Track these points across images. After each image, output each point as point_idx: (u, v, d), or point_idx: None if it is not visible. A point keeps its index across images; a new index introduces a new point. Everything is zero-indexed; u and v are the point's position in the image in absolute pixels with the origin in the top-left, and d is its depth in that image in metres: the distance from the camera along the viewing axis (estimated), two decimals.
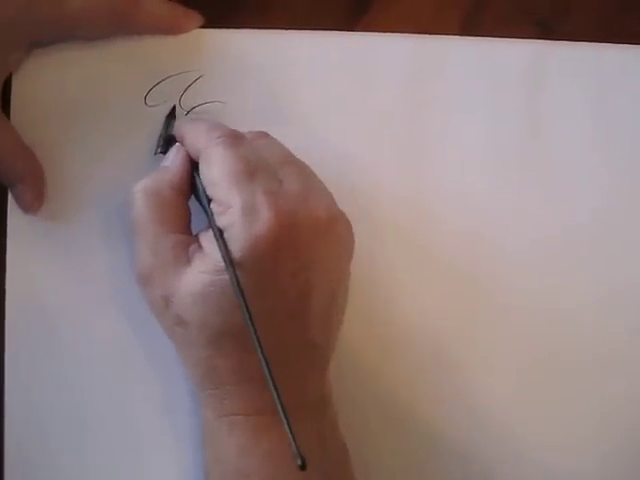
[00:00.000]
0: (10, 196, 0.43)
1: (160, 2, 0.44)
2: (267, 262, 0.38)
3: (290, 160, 0.41)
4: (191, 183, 0.41)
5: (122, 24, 0.44)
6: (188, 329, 0.39)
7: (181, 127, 0.43)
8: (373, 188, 0.45)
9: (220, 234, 0.38)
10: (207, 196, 0.40)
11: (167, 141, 0.43)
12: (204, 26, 0.45)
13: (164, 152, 0.43)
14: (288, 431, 0.35)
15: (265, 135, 0.42)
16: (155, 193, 0.41)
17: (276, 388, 0.35)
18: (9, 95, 0.44)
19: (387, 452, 0.44)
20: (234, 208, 0.38)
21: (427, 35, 0.46)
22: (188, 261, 0.39)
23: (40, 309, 0.44)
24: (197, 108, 0.45)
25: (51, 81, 0.44)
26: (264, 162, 0.40)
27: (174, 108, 0.44)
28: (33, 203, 0.43)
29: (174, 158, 0.42)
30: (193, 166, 0.41)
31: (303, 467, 0.34)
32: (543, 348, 0.45)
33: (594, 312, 0.46)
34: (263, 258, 0.38)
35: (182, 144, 0.42)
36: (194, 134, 0.41)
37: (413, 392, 0.44)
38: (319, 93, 0.46)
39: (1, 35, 0.41)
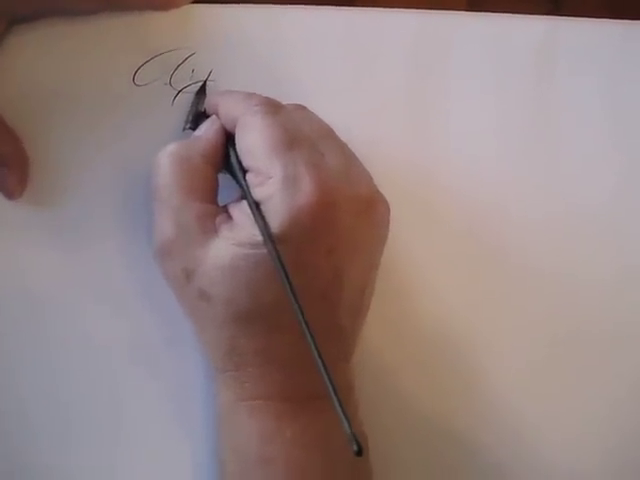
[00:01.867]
0: None
1: None
2: (306, 237, 0.36)
3: (331, 134, 0.39)
4: (224, 157, 0.39)
5: None
6: (212, 304, 0.37)
7: (215, 96, 0.41)
8: (375, 170, 0.43)
9: (257, 207, 0.36)
10: (243, 167, 0.38)
11: (197, 118, 0.42)
12: (196, 1, 0.43)
13: (193, 128, 0.41)
14: (342, 416, 0.33)
15: (303, 107, 0.40)
16: (184, 159, 0.39)
17: (328, 372, 0.33)
18: None
19: (403, 447, 0.43)
20: (274, 178, 0.36)
21: (432, 10, 0.45)
22: (215, 232, 0.37)
23: (25, 297, 0.42)
24: (189, 87, 0.43)
25: (34, 60, 0.42)
26: (304, 133, 0.38)
27: (204, 84, 0.43)
28: (16, 188, 0.41)
29: (208, 128, 0.40)
30: (227, 139, 0.39)
31: (360, 453, 0.32)
32: (558, 330, 0.44)
33: (608, 292, 0.44)
34: (303, 232, 0.36)
35: (216, 114, 0.40)
36: (230, 102, 0.40)
37: (427, 385, 0.43)
38: (318, 71, 0.44)
39: None
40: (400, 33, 0.44)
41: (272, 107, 0.39)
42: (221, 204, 0.39)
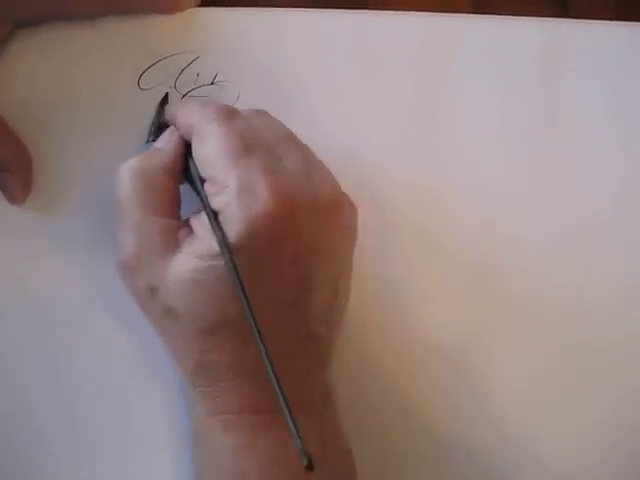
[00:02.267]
0: None
1: None
2: (266, 246, 0.35)
3: (290, 138, 0.38)
4: (184, 168, 0.39)
5: (113, 2, 0.41)
6: (178, 320, 0.36)
7: (172, 107, 0.41)
8: (381, 174, 0.43)
9: (214, 217, 0.36)
10: (200, 176, 0.37)
11: (159, 129, 0.41)
12: (201, 4, 0.43)
13: (155, 140, 0.41)
14: (293, 428, 0.32)
15: (263, 112, 0.39)
16: (145, 174, 0.38)
17: (278, 382, 0.33)
18: None
19: (400, 454, 0.42)
20: (230, 187, 0.36)
21: (438, 13, 0.44)
22: (177, 246, 0.37)
23: (27, 303, 0.42)
24: (194, 91, 0.42)
25: (38, 64, 0.42)
26: (262, 139, 0.37)
27: (167, 94, 0.42)
28: (20, 193, 0.41)
29: (167, 140, 0.39)
30: (187, 150, 0.39)
31: (310, 467, 0.31)
32: (561, 342, 0.43)
33: (612, 304, 0.44)
34: (261, 242, 0.35)
35: (174, 125, 0.40)
36: (186, 111, 0.39)
37: (424, 390, 0.43)
38: (324, 75, 0.43)
39: None
40: (406, 36, 0.44)
41: (228, 114, 0.38)
42: (185, 217, 0.39)
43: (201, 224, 0.37)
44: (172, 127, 0.40)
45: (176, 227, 0.37)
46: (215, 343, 0.36)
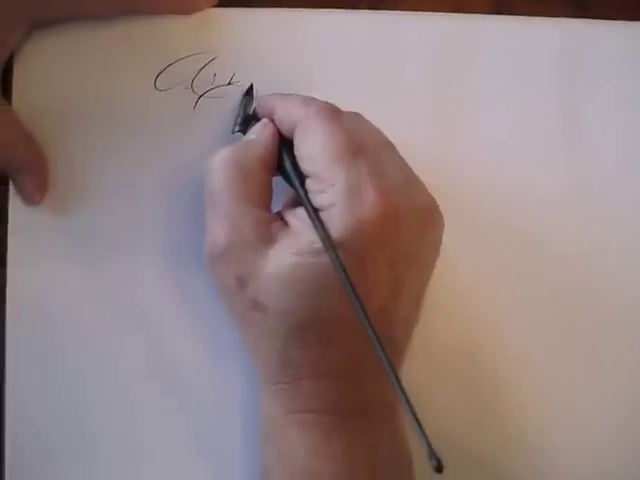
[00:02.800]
0: (11, 187, 0.41)
1: None
2: (367, 248, 0.35)
3: (389, 144, 0.38)
4: (278, 160, 0.39)
5: (130, 3, 0.41)
6: (266, 315, 0.36)
7: (271, 99, 0.40)
8: None
9: (316, 214, 0.35)
10: (299, 173, 0.37)
11: (246, 120, 0.41)
12: (218, 5, 0.42)
13: (243, 132, 0.40)
14: (420, 431, 0.32)
15: (360, 116, 0.39)
16: (239, 164, 0.38)
17: (400, 385, 0.33)
18: (10, 79, 0.41)
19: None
20: (337, 187, 0.36)
21: (455, 14, 0.44)
22: (271, 239, 0.36)
23: (43, 307, 0.41)
24: (211, 91, 0.42)
25: (55, 64, 0.42)
26: (366, 141, 0.37)
27: (252, 86, 0.42)
28: (35, 194, 0.41)
29: (262, 131, 0.39)
30: (281, 142, 0.39)
31: (439, 469, 0.31)
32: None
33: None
34: (364, 243, 0.35)
35: (269, 117, 0.39)
36: (288, 106, 0.39)
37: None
38: (341, 76, 0.43)
39: (1, 12, 0.39)
40: (424, 37, 0.43)
41: (334, 113, 0.38)
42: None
43: (299, 219, 0.36)
44: (266, 120, 0.39)
45: (270, 219, 0.37)
46: (301, 341, 0.36)
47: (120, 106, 0.42)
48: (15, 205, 0.41)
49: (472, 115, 0.44)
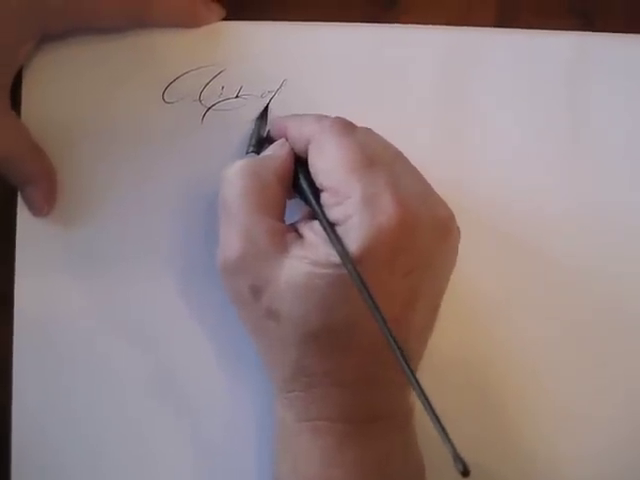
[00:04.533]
0: (20, 199, 0.41)
1: None
2: (384, 258, 0.35)
3: (402, 156, 0.39)
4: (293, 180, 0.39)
5: (139, 16, 0.41)
6: (280, 324, 0.36)
7: (283, 119, 0.41)
8: None
9: (331, 228, 0.36)
10: (314, 188, 0.37)
11: (260, 142, 0.41)
12: (225, 18, 0.43)
13: (257, 152, 0.41)
14: (444, 435, 0.32)
15: (370, 130, 0.39)
16: (256, 175, 0.38)
17: (422, 389, 0.32)
18: (20, 91, 0.42)
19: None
20: (353, 199, 0.36)
21: (460, 27, 0.44)
22: (286, 249, 0.36)
23: (51, 320, 0.41)
24: (218, 104, 0.42)
25: (64, 77, 0.42)
26: (380, 153, 0.37)
27: (266, 108, 0.42)
28: (43, 206, 0.41)
29: (278, 149, 0.39)
30: (296, 161, 0.39)
31: (465, 473, 0.31)
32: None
33: None
34: (382, 254, 0.35)
35: (283, 137, 0.40)
36: (301, 124, 0.39)
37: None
38: (347, 89, 0.43)
39: (11, 25, 0.39)
40: (429, 50, 0.44)
41: (348, 127, 0.38)
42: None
43: (314, 231, 0.37)
44: (282, 139, 0.40)
45: (284, 230, 0.37)
46: (316, 349, 0.36)
47: (128, 118, 0.42)
48: (23, 217, 0.41)
49: (478, 129, 0.44)
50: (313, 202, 0.37)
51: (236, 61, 0.42)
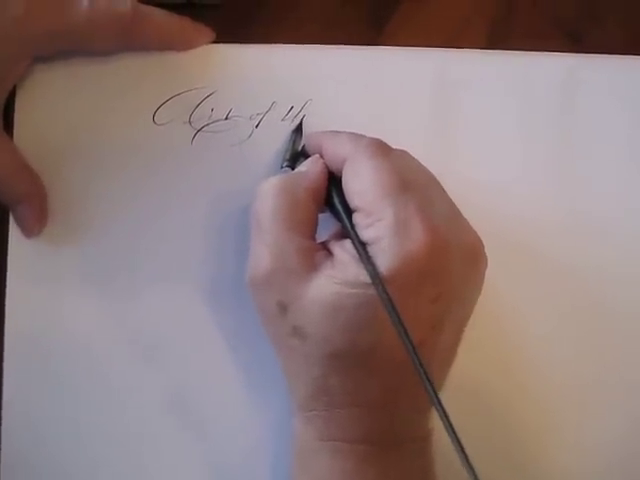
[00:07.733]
0: (11, 219, 0.42)
1: (169, 16, 0.42)
2: (413, 282, 0.35)
3: (436, 181, 0.39)
4: (326, 196, 0.39)
5: (129, 39, 0.42)
6: (306, 342, 0.36)
7: (319, 136, 0.41)
8: None
9: (363, 248, 0.36)
10: (347, 207, 0.38)
11: (294, 156, 0.42)
12: (215, 41, 0.43)
13: (292, 167, 0.41)
14: (465, 461, 0.32)
15: (407, 153, 0.39)
16: (288, 192, 0.38)
17: (445, 413, 0.33)
18: (12, 113, 0.42)
19: None
20: (385, 221, 0.36)
21: (452, 49, 0.44)
22: (315, 268, 0.37)
23: (41, 340, 0.42)
24: (208, 126, 0.43)
25: (55, 98, 0.42)
26: (414, 178, 0.38)
27: (301, 122, 0.43)
28: (34, 226, 0.41)
29: (312, 165, 0.39)
30: (330, 178, 0.39)
31: None
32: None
33: None
34: (410, 278, 0.35)
35: (319, 154, 0.40)
36: (337, 142, 0.39)
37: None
38: (337, 110, 0.43)
39: (3, 46, 0.39)
40: (420, 72, 0.44)
41: (383, 149, 0.38)
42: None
43: (345, 251, 0.37)
44: (316, 155, 0.40)
45: (314, 248, 0.38)
46: (340, 369, 0.36)
47: (119, 139, 0.42)
48: (14, 236, 0.42)
49: (470, 150, 0.44)
50: (346, 221, 0.37)
51: (226, 83, 0.43)
